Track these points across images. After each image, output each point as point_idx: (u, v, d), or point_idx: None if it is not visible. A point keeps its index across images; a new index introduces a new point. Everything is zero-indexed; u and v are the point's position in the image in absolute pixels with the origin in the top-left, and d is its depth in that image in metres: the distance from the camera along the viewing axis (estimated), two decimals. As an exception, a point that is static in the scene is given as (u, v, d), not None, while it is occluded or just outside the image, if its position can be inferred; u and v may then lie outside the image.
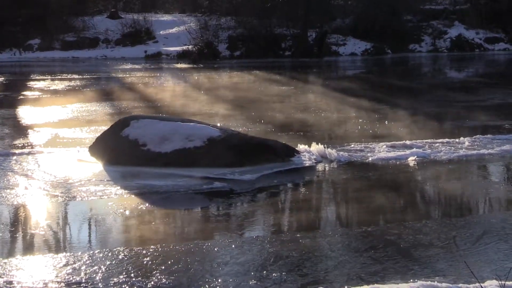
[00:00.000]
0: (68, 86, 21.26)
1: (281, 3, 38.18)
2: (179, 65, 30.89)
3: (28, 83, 22.49)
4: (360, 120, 13.55)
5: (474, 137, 11.27)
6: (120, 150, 9.60)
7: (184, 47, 34.74)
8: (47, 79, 23.85)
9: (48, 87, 21.02)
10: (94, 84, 22.05)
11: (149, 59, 34.46)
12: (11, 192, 8.04)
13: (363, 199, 7.91)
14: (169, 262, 5.74)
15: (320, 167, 9.51)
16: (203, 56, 33.50)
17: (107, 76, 25.25)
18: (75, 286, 5.28)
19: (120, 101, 17.04)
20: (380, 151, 10.26)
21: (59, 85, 21.55)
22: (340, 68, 31.04)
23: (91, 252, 6.05)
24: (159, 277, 5.43)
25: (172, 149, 9.31)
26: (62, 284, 5.32)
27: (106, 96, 18.48)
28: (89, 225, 7.08)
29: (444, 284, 5.15)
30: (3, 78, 24.44)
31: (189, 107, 15.71)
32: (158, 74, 26.01)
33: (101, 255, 5.94)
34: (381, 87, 20.90)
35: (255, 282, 5.34)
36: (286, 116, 14.31)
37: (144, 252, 5.99)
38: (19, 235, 6.69)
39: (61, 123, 13.51)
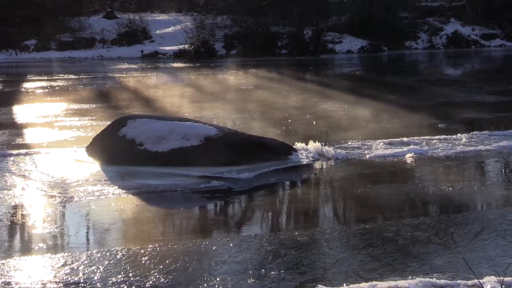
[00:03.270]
0: (65, 86, 21.23)
1: (276, 1, 38.13)
2: (175, 65, 30.86)
3: (24, 83, 22.45)
4: (357, 117, 13.55)
5: (471, 133, 11.29)
6: (117, 149, 9.59)
7: (181, 46, 34.68)
8: (44, 79, 23.81)
9: (45, 87, 20.98)
10: (91, 84, 22.02)
11: (145, 58, 34.40)
12: (8, 193, 8.02)
13: (360, 196, 7.92)
14: (167, 261, 5.74)
15: (317, 165, 9.51)
16: (200, 55, 33.44)
17: (104, 76, 25.21)
18: (73, 286, 5.27)
19: (116, 101, 17.03)
20: (378, 148, 10.26)
21: (55, 85, 21.52)
22: (336, 65, 31.02)
23: (89, 252, 6.05)
24: (157, 276, 5.43)
25: (169, 148, 9.30)
26: (61, 284, 5.31)
27: (102, 96, 18.47)
28: (87, 225, 7.07)
29: (442, 281, 5.15)
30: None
31: (186, 106, 15.70)
32: (154, 74, 25.98)
33: (99, 255, 5.94)
34: (378, 84, 20.90)
35: (253, 280, 5.34)
36: (283, 114, 14.30)
37: (142, 251, 5.99)
38: (17, 236, 6.68)
39: (58, 123, 13.50)
